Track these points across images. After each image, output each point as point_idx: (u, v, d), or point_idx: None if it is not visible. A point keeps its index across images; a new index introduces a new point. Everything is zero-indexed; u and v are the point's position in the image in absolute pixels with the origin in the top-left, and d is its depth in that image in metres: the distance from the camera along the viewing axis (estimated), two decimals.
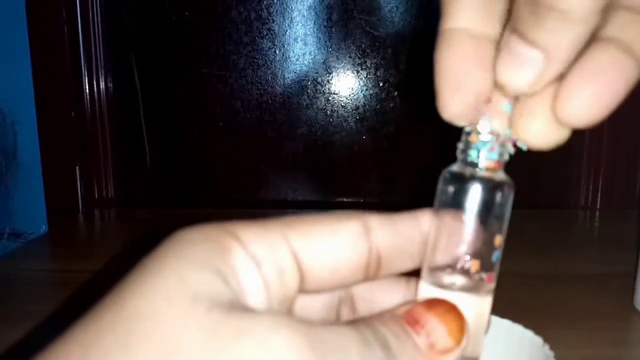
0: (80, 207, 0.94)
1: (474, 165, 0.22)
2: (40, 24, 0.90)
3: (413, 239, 0.24)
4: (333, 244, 0.23)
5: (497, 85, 0.21)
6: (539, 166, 0.93)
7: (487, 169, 0.22)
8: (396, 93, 0.95)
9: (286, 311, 0.22)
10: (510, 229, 0.24)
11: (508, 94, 0.21)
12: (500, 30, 0.22)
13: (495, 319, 0.24)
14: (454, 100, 0.22)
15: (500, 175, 0.23)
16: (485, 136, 0.22)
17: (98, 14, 0.93)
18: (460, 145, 0.23)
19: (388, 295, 0.26)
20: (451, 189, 0.23)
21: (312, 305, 0.26)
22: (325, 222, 0.23)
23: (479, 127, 0.22)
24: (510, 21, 0.20)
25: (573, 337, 0.50)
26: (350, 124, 0.96)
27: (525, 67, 0.20)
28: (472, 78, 0.21)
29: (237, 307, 0.19)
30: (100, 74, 0.94)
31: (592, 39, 0.20)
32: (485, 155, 0.22)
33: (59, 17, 0.90)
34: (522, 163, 0.24)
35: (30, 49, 0.89)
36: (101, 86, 0.95)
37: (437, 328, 0.21)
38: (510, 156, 0.23)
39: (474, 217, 0.23)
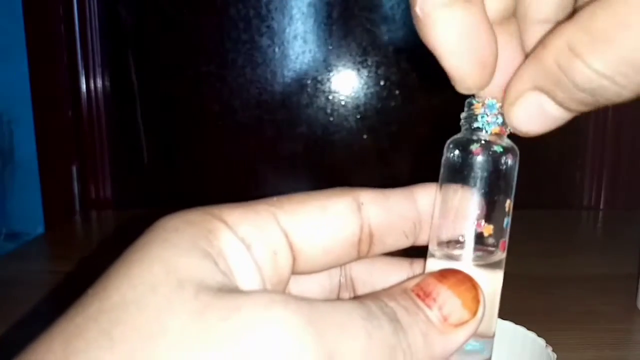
0: (77, 208, 0.94)
1: (479, 131, 0.23)
2: (37, 22, 0.89)
3: (407, 215, 0.24)
4: (324, 222, 0.22)
5: None
6: (541, 167, 0.93)
7: (493, 134, 0.23)
8: (397, 92, 0.94)
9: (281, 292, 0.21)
10: (512, 230, 0.23)
11: None
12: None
13: (498, 321, 0.24)
14: (478, 73, 0.22)
15: (506, 140, 0.23)
16: (489, 102, 0.22)
17: (95, 12, 0.92)
18: (464, 114, 0.23)
19: (390, 277, 0.25)
20: (458, 156, 0.23)
21: (310, 291, 0.25)
22: (315, 200, 0.23)
23: (482, 95, 0.22)
24: None
25: (576, 338, 0.50)
26: (351, 123, 0.95)
27: None
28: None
29: (228, 289, 0.18)
30: (97, 72, 0.94)
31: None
32: (490, 120, 0.22)
33: (56, 15, 0.89)
34: (525, 163, 0.23)
35: (27, 47, 0.88)
36: (98, 85, 0.94)
37: (450, 300, 0.20)
38: None
39: (483, 182, 0.23)
